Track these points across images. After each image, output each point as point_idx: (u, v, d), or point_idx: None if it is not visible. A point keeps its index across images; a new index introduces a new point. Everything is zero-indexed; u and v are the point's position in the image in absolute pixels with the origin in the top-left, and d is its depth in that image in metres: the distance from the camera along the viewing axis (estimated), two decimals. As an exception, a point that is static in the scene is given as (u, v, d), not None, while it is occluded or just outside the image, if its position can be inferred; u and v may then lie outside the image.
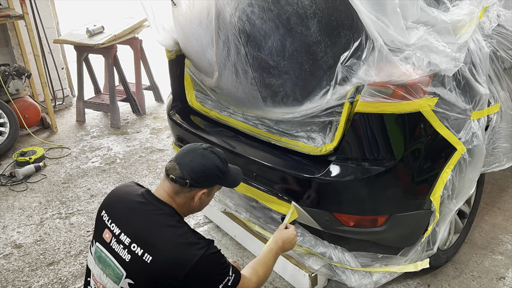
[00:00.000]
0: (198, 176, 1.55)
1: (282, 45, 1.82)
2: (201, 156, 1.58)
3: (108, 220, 1.57)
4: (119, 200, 1.62)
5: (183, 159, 1.58)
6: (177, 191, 1.56)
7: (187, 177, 1.54)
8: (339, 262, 2.14)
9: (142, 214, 1.53)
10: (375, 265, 2.15)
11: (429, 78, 1.70)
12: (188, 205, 1.60)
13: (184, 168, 1.55)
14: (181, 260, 1.43)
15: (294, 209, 2.01)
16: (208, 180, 1.59)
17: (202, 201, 1.63)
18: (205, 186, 1.59)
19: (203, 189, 1.58)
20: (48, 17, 5.02)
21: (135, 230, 1.50)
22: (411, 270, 2.09)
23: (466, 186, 2.03)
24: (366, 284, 2.11)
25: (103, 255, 1.54)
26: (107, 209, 1.60)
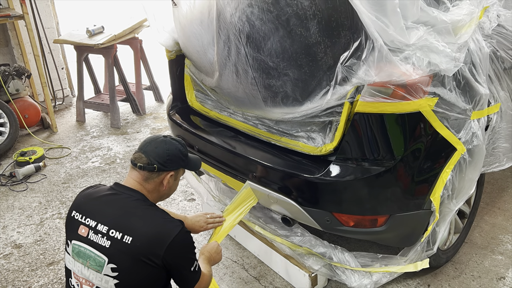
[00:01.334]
0: (165, 160, 1.65)
1: (282, 46, 1.82)
2: (163, 142, 1.69)
3: (81, 217, 1.61)
4: (89, 198, 1.67)
5: (148, 147, 1.67)
6: (146, 178, 1.65)
7: (154, 162, 1.63)
8: (339, 262, 2.14)
9: (115, 203, 1.61)
10: (375, 265, 2.15)
11: (429, 78, 1.70)
12: (158, 190, 1.69)
13: (150, 155, 1.64)
14: (161, 235, 1.53)
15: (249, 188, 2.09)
16: (173, 163, 1.68)
17: (170, 185, 1.72)
18: (171, 169, 1.68)
19: (170, 172, 1.68)
20: (48, 17, 5.02)
21: (111, 218, 1.56)
22: (411, 270, 2.09)
23: (466, 186, 2.03)
24: (366, 284, 2.11)
25: (82, 250, 1.57)
26: (78, 209, 1.64)
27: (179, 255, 1.58)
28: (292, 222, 2.21)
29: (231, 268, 2.53)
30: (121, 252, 1.51)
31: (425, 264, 2.07)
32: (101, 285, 1.54)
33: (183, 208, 3.15)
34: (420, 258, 2.09)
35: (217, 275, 2.47)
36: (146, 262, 1.51)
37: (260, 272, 2.48)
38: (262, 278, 2.43)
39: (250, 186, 2.12)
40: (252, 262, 2.56)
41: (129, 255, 1.51)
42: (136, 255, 1.51)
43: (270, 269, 2.49)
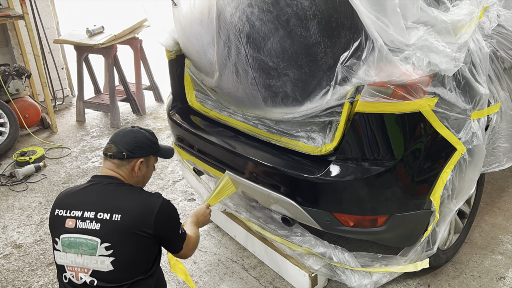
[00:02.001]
0: (133, 147, 1.75)
1: (282, 46, 1.82)
2: (131, 132, 1.81)
3: (66, 212, 1.66)
4: (69, 195, 1.74)
5: (116, 138, 1.78)
6: (118, 165, 1.75)
7: (123, 150, 1.74)
8: (339, 262, 2.14)
9: (95, 191, 1.70)
10: (375, 265, 2.15)
11: (429, 78, 1.70)
12: (131, 176, 1.78)
13: (119, 144, 1.75)
14: (148, 207, 1.64)
15: (228, 179, 2.19)
16: (141, 150, 1.78)
17: (143, 172, 1.81)
18: (140, 156, 1.77)
19: (139, 159, 1.77)
20: (48, 17, 5.02)
21: (95, 203, 1.64)
22: (411, 270, 2.09)
23: (466, 186, 2.03)
24: (366, 284, 2.11)
25: (72, 240, 1.62)
26: (60, 207, 1.69)
27: (167, 222, 1.70)
28: (292, 222, 2.21)
29: (231, 268, 2.53)
30: (113, 230, 1.59)
31: (425, 264, 2.07)
32: (97, 267, 1.59)
33: (183, 208, 3.15)
34: (420, 258, 2.09)
35: (217, 275, 2.47)
36: (139, 234, 1.60)
37: (260, 272, 2.48)
38: (262, 278, 2.43)
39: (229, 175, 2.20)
40: (252, 262, 2.56)
41: (120, 231, 1.59)
42: (128, 230, 1.59)
43: (270, 269, 2.49)
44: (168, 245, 1.77)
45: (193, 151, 2.47)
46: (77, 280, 1.61)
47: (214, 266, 2.54)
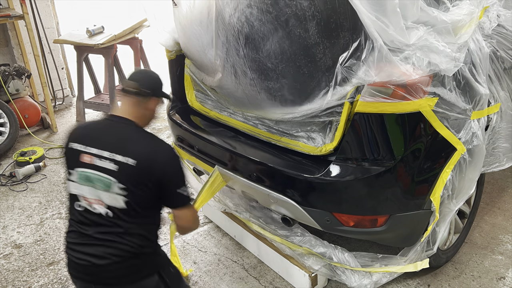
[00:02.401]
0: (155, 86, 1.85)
1: (281, 47, 1.82)
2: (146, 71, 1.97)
3: (82, 147, 1.73)
4: (85, 130, 1.82)
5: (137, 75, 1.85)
6: (137, 104, 1.79)
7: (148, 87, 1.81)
8: (339, 262, 2.14)
9: (115, 131, 1.77)
10: (375, 265, 2.15)
11: (429, 78, 1.70)
12: (145, 115, 1.83)
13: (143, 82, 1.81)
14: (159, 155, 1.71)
15: (218, 173, 2.25)
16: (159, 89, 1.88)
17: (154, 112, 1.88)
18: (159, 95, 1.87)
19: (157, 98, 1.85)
20: (48, 17, 5.02)
21: (112, 144, 1.71)
22: (411, 270, 2.09)
23: (466, 186, 2.03)
24: (366, 284, 2.11)
25: (90, 175, 1.70)
26: (76, 140, 1.76)
27: (173, 170, 1.75)
28: (292, 222, 2.21)
29: (231, 268, 2.53)
30: (128, 173, 1.66)
31: (425, 264, 2.07)
32: (111, 202, 1.68)
33: (183, 208, 3.15)
34: (420, 258, 2.09)
35: (217, 275, 2.47)
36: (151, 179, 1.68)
37: (260, 272, 2.48)
38: (262, 278, 2.43)
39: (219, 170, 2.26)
40: (252, 262, 2.56)
41: (134, 175, 1.66)
42: (140, 175, 1.67)
43: (270, 269, 2.49)
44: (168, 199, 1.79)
45: (193, 151, 2.47)
46: (94, 209, 1.70)
47: (214, 266, 2.54)
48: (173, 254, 2.41)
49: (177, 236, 2.82)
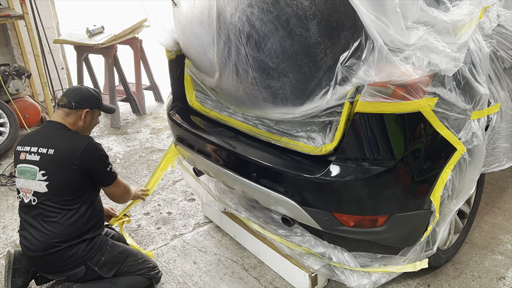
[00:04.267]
0: (79, 99, 2.22)
1: (282, 46, 1.82)
2: (79, 88, 2.30)
3: (21, 147, 2.19)
4: (27, 135, 2.28)
5: (68, 92, 2.27)
6: (67, 114, 2.21)
7: (72, 101, 2.20)
8: (339, 262, 2.14)
9: (43, 131, 2.22)
10: (374, 265, 2.15)
11: (429, 78, 1.70)
12: (78, 124, 2.22)
13: (69, 96, 2.22)
14: (76, 144, 2.12)
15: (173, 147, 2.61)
16: (87, 102, 2.24)
17: (87, 120, 2.25)
18: (86, 107, 2.23)
19: (85, 109, 2.22)
20: (48, 17, 5.02)
21: (39, 141, 2.16)
22: (410, 270, 2.09)
23: (466, 186, 2.03)
24: (365, 284, 2.11)
25: (22, 168, 2.15)
26: (19, 144, 2.22)
27: (93, 158, 2.14)
28: (292, 222, 2.21)
29: (231, 268, 2.53)
30: (47, 161, 2.10)
31: (424, 264, 2.07)
32: (36, 188, 2.09)
33: (183, 208, 3.15)
34: (419, 258, 2.09)
35: (217, 275, 2.47)
36: (68, 166, 2.09)
37: (260, 272, 2.48)
38: (262, 278, 2.43)
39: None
40: (252, 262, 2.56)
41: (53, 162, 2.09)
42: (58, 162, 2.09)
43: (270, 269, 2.49)
44: (98, 179, 2.20)
45: (193, 151, 2.47)
46: (26, 199, 2.12)
47: (214, 266, 2.54)
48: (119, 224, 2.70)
49: (177, 236, 2.83)
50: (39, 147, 2.12)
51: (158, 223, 2.98)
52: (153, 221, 3.01)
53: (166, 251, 2.69)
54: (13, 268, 2.23)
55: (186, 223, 2.97)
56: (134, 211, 3.12)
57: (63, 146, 2.10)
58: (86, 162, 2.11)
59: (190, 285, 2.41)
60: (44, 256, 2.06)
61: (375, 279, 2.13)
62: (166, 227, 2.94)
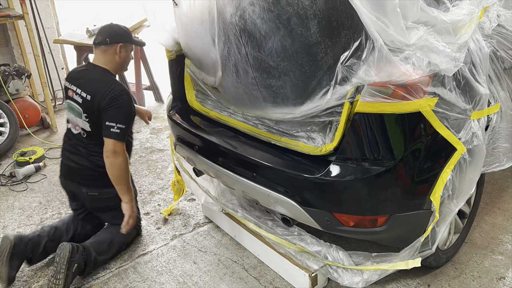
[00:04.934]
0: (113, 35, 2.43)
1: (282, 46, 1.82)
2: (111, 25, 2.51)
3: (70, 85, 2.45)
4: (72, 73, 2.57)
5: (101, 30, 2.47)
6: (104, 51, 2.43)
7: (106, 37, 2.42)
8: (333, 261, 2.14)
9: (86, 74, 2.47)
10: (366, 263, 2.15)
11: (429, 78, 1.70)
12: (114, 59, 2.45)
13: (103, 34, 2.43)
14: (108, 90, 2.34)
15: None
16: (120, 36, 2.45)
17: (122, 55, 2.47)
18: (120, 41, 2.44)
19: (119, 43, 2.43)
20: (48, 17, 5.02)
21: (83, 83, 2.41)
22: (402, 268, 2.07)
23: (466, 186, 2.02)
24: (358, 282, 2.11)
25: (70, 105, 2.46)
26: (67, 80, 2.49)
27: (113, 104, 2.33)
28: (292, 222, 2.21)
29: (231, 268, 2.53)
30: (87, 106, 2.37)
31: (416, 263, 2.04)
32: (83, 126, 2.44)
33: (183, 208, 3.15)
34: (414, 257, 2.08)
35: (217, 275, 2.47)
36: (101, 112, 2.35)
37: (260, 272, 2.48)
38: (262, 278, 2.43)
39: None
40: (252, 262, 2.56)
41: (91, 108, 2.37)
42: (95, 108, 2.36)
43: (270, 269, 2.49)
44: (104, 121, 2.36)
45: (193, 151, 2.47)
46: (75, 131, 2.49)
47: (214, 266, 2.54)
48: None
49: (177, 236, 2.83)
50: (82, 90, 2.38)
51: (158, 223, 2.98)
52: (153, 221, 3.01)
53: (166, 251, 2.69)
54: (11, 253, 2.31)
55: (186, 223, 2.97)
56: (134, 211, 3.12)
57: (100, 92, 2.34)
58: (105, 105, 2.33)
59: (190, 285, 2.41)
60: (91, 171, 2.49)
61: (367, 277, 2.12)
62: (166, 227, 2.94)
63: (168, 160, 3.91)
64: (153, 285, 2.41)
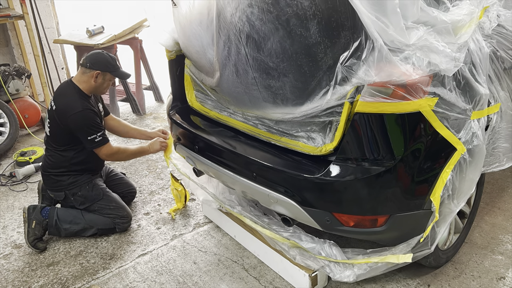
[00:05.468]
0: (94, 61, 2.69)
1: (282, 46, 1.82)
2: (98, 52, 2.76)
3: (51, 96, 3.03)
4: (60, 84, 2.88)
5: (88, 53, 2.76)
6: (83, 72, 2.71)
7: (88, 61, 2.70)
8: (326, 256, 2.16)
9: (60, 87, 2.79)
10: (357, 257, 2.15)
11: (429, 78, 1.70)
12: (90, 82, 2.71)
13: (87, 57, 2.72)
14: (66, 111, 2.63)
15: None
16: (100, 65, 2.69)
17: (98, 81, 2.72)
18: (98, 69, 2.69)
19: (97, 71, 2.69)
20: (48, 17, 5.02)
21: (55, 95, 2.74)
22: (392, 261, 2.06)
23: (466, 186, 2.02)
24: (349, 275, 2.13)
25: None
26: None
27: (77, 126, 2.63)
28: (292, 222, 2.21)
29: (231, 268, 2.53)
30: (51, 114, 2.71)
31: (407, 258, 2.03)
32: (46, 130, 2.79)
33: (183, 208, 3.15)
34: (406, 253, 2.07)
35: (217, 275, 2.47)
36: (59, 124, 2.66)
37: (260, 272, 2.48)
38: (262, 278, 2.43)
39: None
40: (252, 262, 2.56)
41: (53, 116, 2.69)
42: (55, 118, 2.67)
43: (270, 269, 2.49)
44: (82, 141, 2.69)
45: (193, 151, 2.47)
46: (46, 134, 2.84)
47: (214, 266, 2.54)
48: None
49: (177, 236, 2.83)
50: (52, 99, 2.72)
51: (158, 223, 2.98)
52: (153, 221, 3.01)
53: (166, 251, 2.69)
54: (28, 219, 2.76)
55: (186, 223, 2.97)
56: (134, 211, 3.12)
57: (60, 107, 2.64)
58: (71, 127, 2.63)
59: (190, 285, 2.41)
60: (44, 175, 2.84)
61: (358, 270, 2.13)
62: (166, 227, 2.94)
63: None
64: (153, 285, 2.41)
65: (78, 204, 2.81)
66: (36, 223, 2.72)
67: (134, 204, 3.21)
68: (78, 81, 2.70)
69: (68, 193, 2.79)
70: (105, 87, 2.79)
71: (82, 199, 2.80)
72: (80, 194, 2.79)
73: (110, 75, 2.76)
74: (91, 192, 2.80)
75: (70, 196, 2.79)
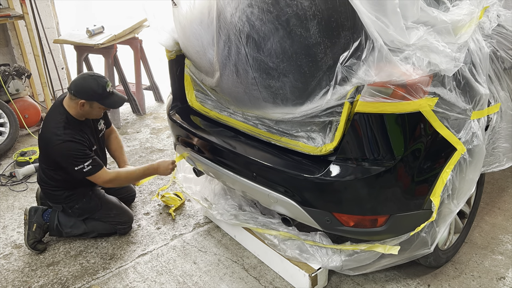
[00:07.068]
0: (78, 89, 2.47)
1: (282, 46, 1.82)
2: (85, 78, 2.52)
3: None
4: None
5: (76, 78, 2.54)
6: (71, 98, 2.51)
7: (74, 88, 2.48)
8: (313, 241, 2.20)
9: (50, 110, 2.61)
10: (345, 244, 2.18)
11: (429, 78, 1.70)
12: (77, 109, 2.52)
13: (73, 83, 2.50)
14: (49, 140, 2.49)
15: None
16: (84, 94, 2.47)
17: (86, 109, 2.52)
18: (82, 98, 2.47)
19: (81, 100, 2.47)
20: (48, 17, 5.02)
21: (45, 117, 2.60)
22: (379, 250, 2.05)
23: (466, 186, 2.02)
24: (336, 261, 2.16)
25: None
26: None
27: (60, 157, 2.48)
28: (292, 222, 2.21)
29: (231, 268, 2.53)
30: (39, 136, 2.60)
31: (394, 250, 2.03)
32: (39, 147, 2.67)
33: (183, 208, 3.15)
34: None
35: (217, 275, 2.47)
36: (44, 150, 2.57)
37: (260, 272, 2.48)
38: (262, 278, 2.43)
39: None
40: (252, 262, 2.56)
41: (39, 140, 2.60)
42: (40, 142, 2.58)
43: (270, 269, 2.49)
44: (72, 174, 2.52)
45: (193, 151, 2.47)
46: None
47: (214, 266, 2.54)
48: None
49: (177, 236, 2.83)
50: (42, 122, 2.60)
51: (158, 223, 2.98)
52: (153, 221, 3.01)
53: (166, 251, 2.69)
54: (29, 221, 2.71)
55: (186, 223, 2.97)
56: (134, 211, 3.12)
57: (44, 135, 2.53)
58: (54, 157, 2.51)
59: (190, 285, 2.41)
60: (40, 186, 2.77)
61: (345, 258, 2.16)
62: (166, 227, 2.94)
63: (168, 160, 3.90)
64: (153, 285, 2.41)
65: (77, 216, 2.75)
66: (37, 226, 2.69)
67: (134, 204, 3.21)
68: (67, 106, 2.53)
69: (65, 206, 2.72)
70: (95, 114, 2.59)
71: (80, 211, 2.73)
72: (78, 207, 2.72)
73: (98, 103, 2.52)
74: (88, 205, 2.73)
75: (68, 209, 2.73)
